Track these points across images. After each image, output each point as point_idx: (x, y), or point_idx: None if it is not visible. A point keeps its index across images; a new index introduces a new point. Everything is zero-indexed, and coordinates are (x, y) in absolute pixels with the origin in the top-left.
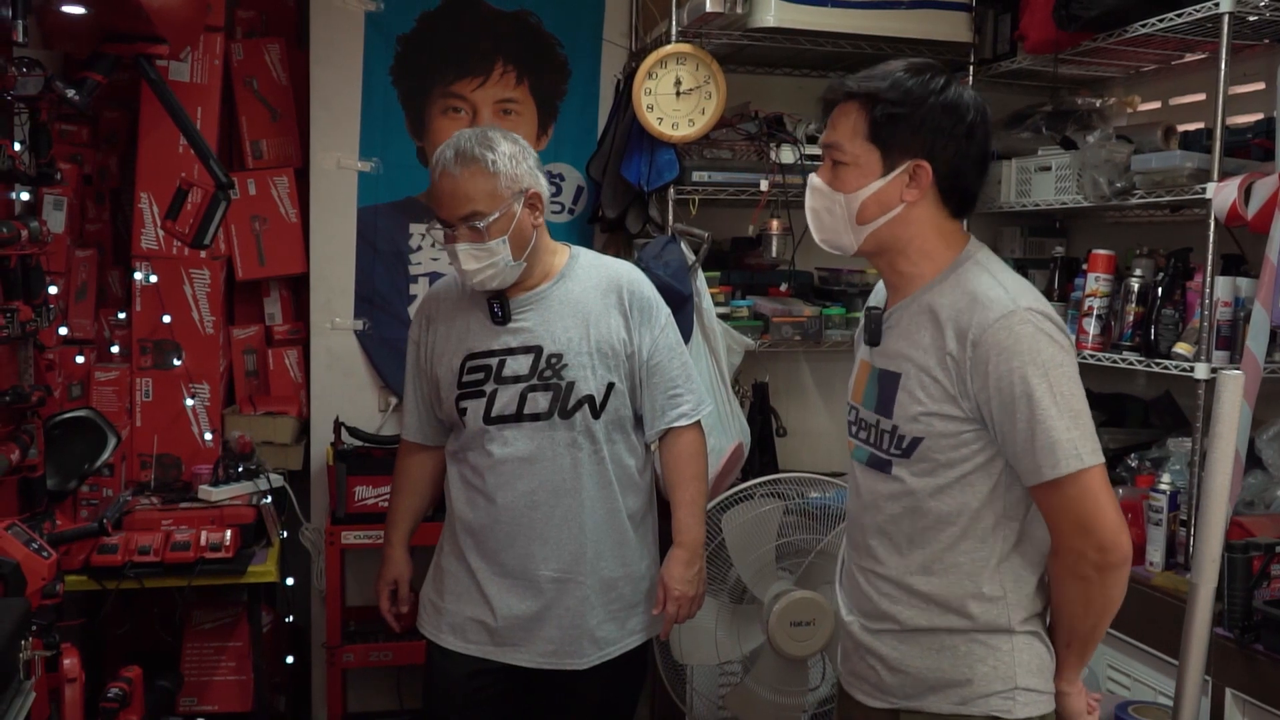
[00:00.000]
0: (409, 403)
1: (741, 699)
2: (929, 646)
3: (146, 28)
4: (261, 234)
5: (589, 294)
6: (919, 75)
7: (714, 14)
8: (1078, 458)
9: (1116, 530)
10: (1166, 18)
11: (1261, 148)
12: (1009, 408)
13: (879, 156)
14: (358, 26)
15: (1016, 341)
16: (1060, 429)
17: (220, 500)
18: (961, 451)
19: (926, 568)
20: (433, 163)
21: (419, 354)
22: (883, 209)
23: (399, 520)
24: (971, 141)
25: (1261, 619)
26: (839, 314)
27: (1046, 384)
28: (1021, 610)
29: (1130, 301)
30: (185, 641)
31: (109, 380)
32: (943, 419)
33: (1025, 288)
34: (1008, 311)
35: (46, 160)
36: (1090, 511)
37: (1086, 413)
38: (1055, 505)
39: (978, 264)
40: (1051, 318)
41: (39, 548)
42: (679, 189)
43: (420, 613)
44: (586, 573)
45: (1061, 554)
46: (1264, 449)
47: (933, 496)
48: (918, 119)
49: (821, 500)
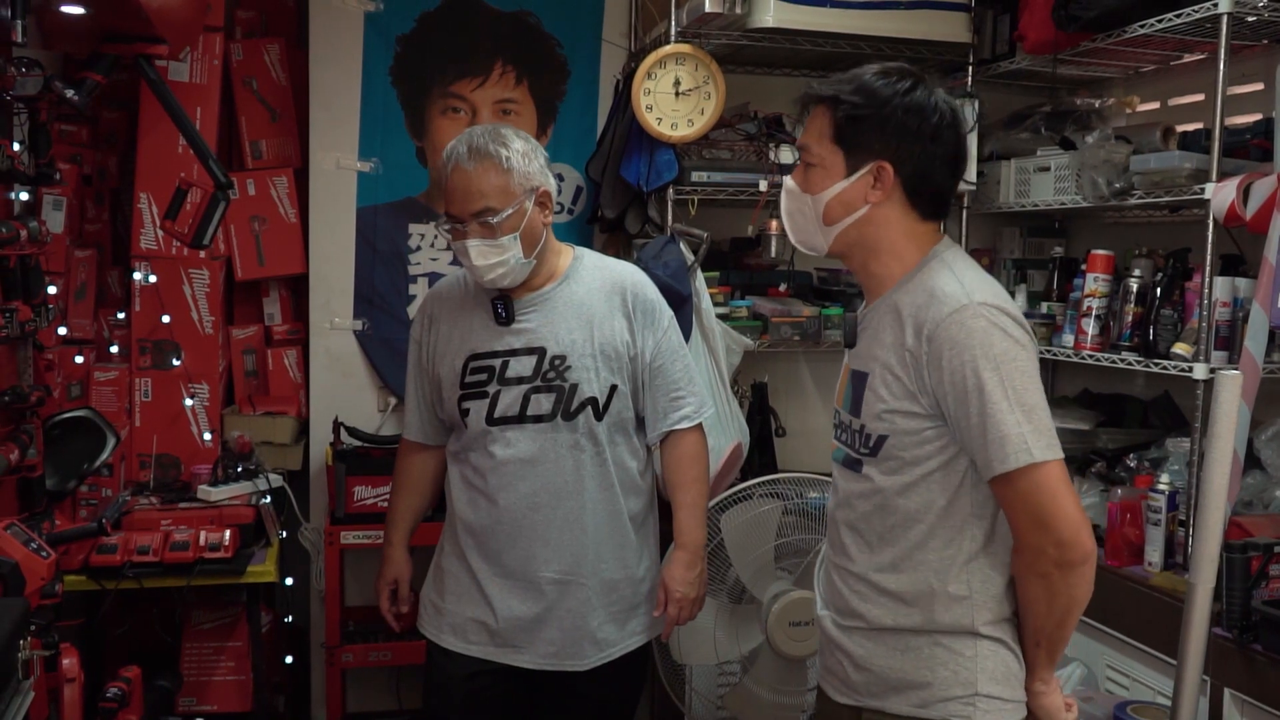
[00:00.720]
0: (410, 402)
1: (740, 699)
2: (894, 646)
3: (146, 28)
4: (261, 234)
5: (593, 296)
6: (886, 78)
7: (713, 14)
8: (1027, 452)
9: (1075, 527)
10: (1165, 18)
11: (1260, 148)
12: (962, 401)
13: (843, 158)
14: (357, 27)
15: (969, 335)
16: (1010, 423)
17: (219, 500)
18: (925, 449)
19: (895, 565)
20: (444, 158)
21: (421, 353)
22: (847, 210)
23: (399, 520)
24: (938, 143)
25: (1260, 619)
26: (838, 314)
27: (998, 377)
28: (987, 612)
29: (1129, 302)
30: (184, 641)
31: (108, 380)
32: (904, 416)
33: (984, 282)
34: (960, 306)
35: (46, 160)
36: (1045, 507)
37: (1042, 408)
38: (1010, 500)
39: (941, 261)
40: (1008, 312)
41: (38, 547)
42: (678, 189)
43: (421, 613)
44: (588, 574)
45: (1021, 551)
46: (1262, 449)
47: (900, 494)
48: (880, 120)
49: (820, 500)
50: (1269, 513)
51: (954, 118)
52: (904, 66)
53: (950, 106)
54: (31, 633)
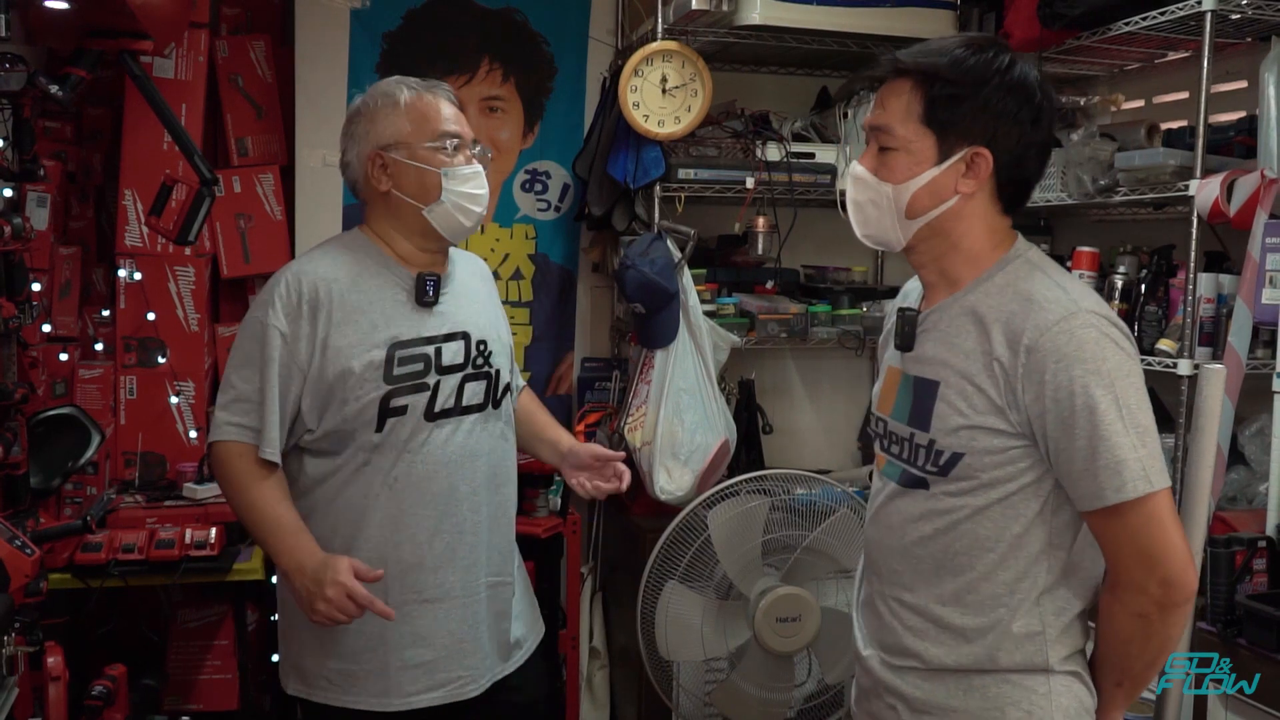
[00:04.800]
0: (269, 413)
1: (728, 695)
2: (956, 687)
3: (130, 24)
4: (247, 231)
5: (473, 278)
6: (982, 52)
7: (700, 11)
8: (1145, 480)
9: (1184, 564)
10: (1149, 16)
11: (1244, 145)
12: (1067, 422)
13: (934, 142)
14: (343, 24)
15: (1079, 348)
16: (1126, 447)
17: (205, 498)
18: (1007, 470)
19: (958, 597)
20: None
21: (296, 348)
22: (935, 201)
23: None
24: (1037, 127)
25: (1244, 613)
26: (825, 311)
27: (1111, 396)
28: (1063, 648)
29: (1114, 298)
30: (170, 640)
31: (93, 378)
32: (987, 433)
33: (1086, 290)
34: (1068, 314)
35: (30, 156)
36: (1157, 541)
37: (1154, 430)
38: (1116, 534)
39: (1028, 263)
40: (1117, 323)
41: (22, 545)
42: (665, 186)
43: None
44: (514, 570)
45: (1120, 589)
46: (1246, 445)
47: (970, 519)
48: (980, 101)
49: (807, 497)
50: (1253, 508)
51: (1051, 99)
52: (994, 39)
53: (1047, 87)
54: (16, 630)
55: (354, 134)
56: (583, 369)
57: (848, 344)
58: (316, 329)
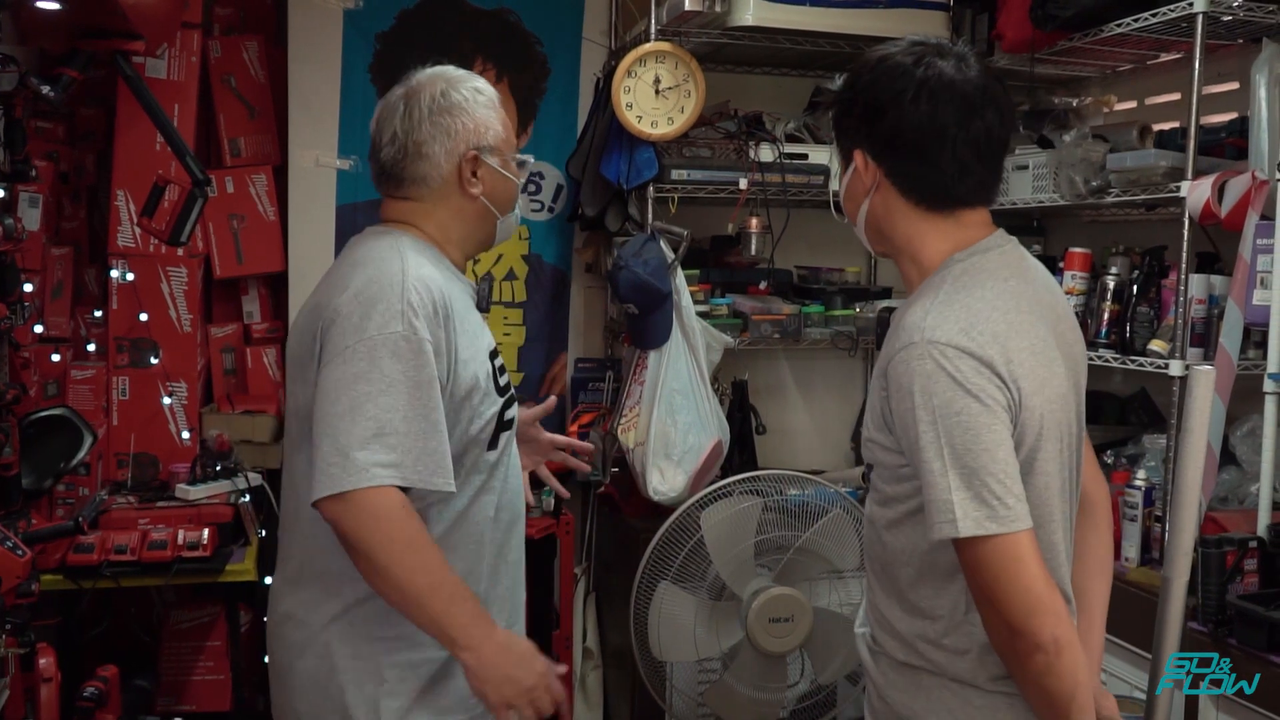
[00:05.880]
0: (439, 441)
1: (721, 695)
2: (910, 680)
3: (123, 24)
4: (239, 232)
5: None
6: (867, 60)
7: (693, 12)
8: (952, 524)
9: (1026, 612)
10: (1141, 17)
11: (1235, 146)
12: (908, 451)
13: (840, 149)
14: (336, 24)
15: (911, 379)
16: (941, 488)
17: (198, 499)
18: (904, 486)
19: (900, 602)
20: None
21: (443, 364)
22: (854, 204)
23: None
24: (913, 115)
25: (1235, 613)
26: (818, 312)
27: (934, 433)
28: (993, 667)
29: (1106, 299)
30: (163, 641)
31: (85, 379)
32: (882, 448)
33: (962, 315)
34: (908, 344)
35: (21, 157)
36: (989, 586)
37: (989, 470)
38: (963, 568)
39: (946, 277)
40: (973, 353)
41: (14, 546)
42: (658, 187)
43: None
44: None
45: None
46: (1238, 445)
47: (889, 529)
48: (852, 101)
49: (800, 497)
50: (1244, 508)
51: (938, 83)
52: (916, 39)
53: (936, 72)
54: (7, 631)
55: (446, 127)
56: (576, 370)
57: (841, 345)
58: (448, 338)
